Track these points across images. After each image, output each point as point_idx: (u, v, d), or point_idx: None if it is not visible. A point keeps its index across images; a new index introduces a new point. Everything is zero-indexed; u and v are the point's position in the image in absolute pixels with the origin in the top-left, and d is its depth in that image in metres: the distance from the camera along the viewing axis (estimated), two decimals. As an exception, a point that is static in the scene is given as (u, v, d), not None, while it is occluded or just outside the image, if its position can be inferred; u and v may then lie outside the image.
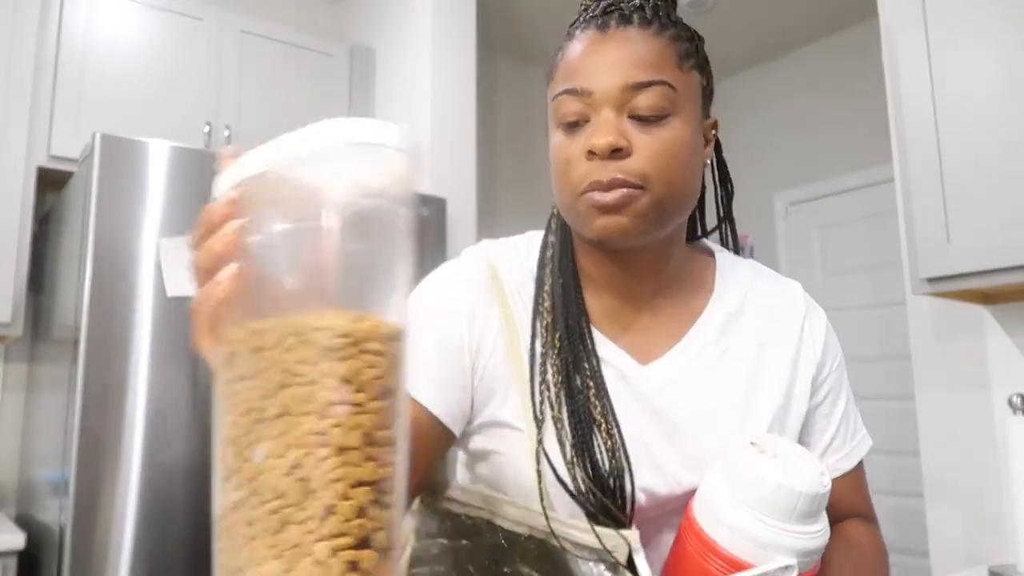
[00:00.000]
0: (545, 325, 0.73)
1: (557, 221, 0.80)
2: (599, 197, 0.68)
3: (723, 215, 0.85)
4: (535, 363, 0.71)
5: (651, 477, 0.70)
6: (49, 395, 2.01)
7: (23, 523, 2.01)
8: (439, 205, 2.39)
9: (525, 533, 0.68)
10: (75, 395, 1.70)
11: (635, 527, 0.67)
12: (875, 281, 3.28)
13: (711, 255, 0.83)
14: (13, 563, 1.79)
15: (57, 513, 1.71)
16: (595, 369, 0.71)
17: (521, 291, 0.75)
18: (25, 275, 2.10)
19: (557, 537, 0.66)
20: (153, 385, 1.77)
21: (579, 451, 0.67)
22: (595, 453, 0.67)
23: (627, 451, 0.68)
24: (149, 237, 1.82)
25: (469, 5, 2.73)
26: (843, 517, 0.78)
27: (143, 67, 2.34)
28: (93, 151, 1.79)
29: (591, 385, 0.70)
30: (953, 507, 1.68)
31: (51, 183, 2.28)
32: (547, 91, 0.75)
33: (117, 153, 1.81)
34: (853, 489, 0.80)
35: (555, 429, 0.69)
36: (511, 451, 0.71)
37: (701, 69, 0.74)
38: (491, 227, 3.07)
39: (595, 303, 0.76)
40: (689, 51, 0.72)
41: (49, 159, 2.16)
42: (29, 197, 2.11)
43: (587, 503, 0.67)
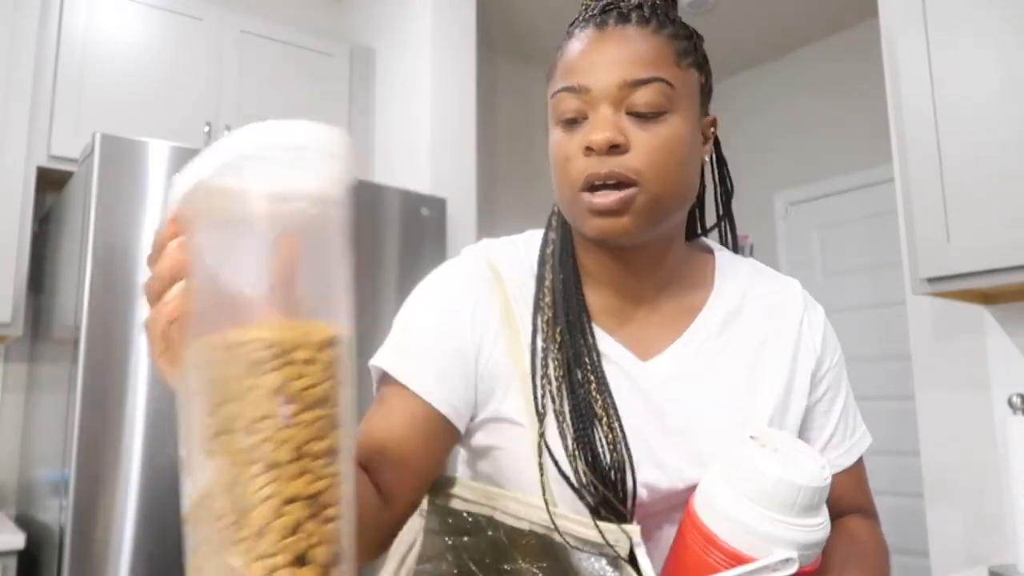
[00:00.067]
0: (546, 320, 0.73)
1: (558, 219, 0.80)
2: (598, 201, 0.68)
3: (722, 213, 0.86)
4: (536, 358, 0.72)
5: (652, 472, 0.70)
6: (49, 395, 2.01)
7: (23, 523, 2.01)
8: (439, 205, 2.39)
9: (526, 528, 0.68)
10: (75, 395, 1.69)
11: (636, 522, 0.67)
12: (875, 281, 3.28)
13: (710, 253, 0.84)
14: (13, 563, 1.79)
15: (57, 513, 1.71)
16: (596, 364, 0.71)
17: (521, 288, 0.76)
18: (25, 275, 2.10)
19: (559, 531, 0.66)
20: (153, 385, 1.77)
21: (580, 444, 0.68)
22: (596, 446, 0.68)
23: (628, 445, 0.68)
24: (149, 237, 1.82)
25: (469, 5, 2.73)
26: (844, 513, 0.78)
27: (143, 67, 2.34)
28: (93, 151, 1.79)
29: (592, 379, 0.70)
30: (953, 507, 1.68)
31: (51, 183, 2.28)
32: (547, 89, 0.76)
33: (117, 153, 1.81)
34: (853, 485, 0.80)
35: (557, 423, 0.69)
36: (512, 446, 0.71)
37: (699, 67, 0.75)
38: (491, 227, 3.07)
39: (595, 299, 0.76)
40: (687, 49, 0.73)
41: (49, 159, 2.16)
42: (29, 197, 2.11)
43: (588, 496, 0.67)
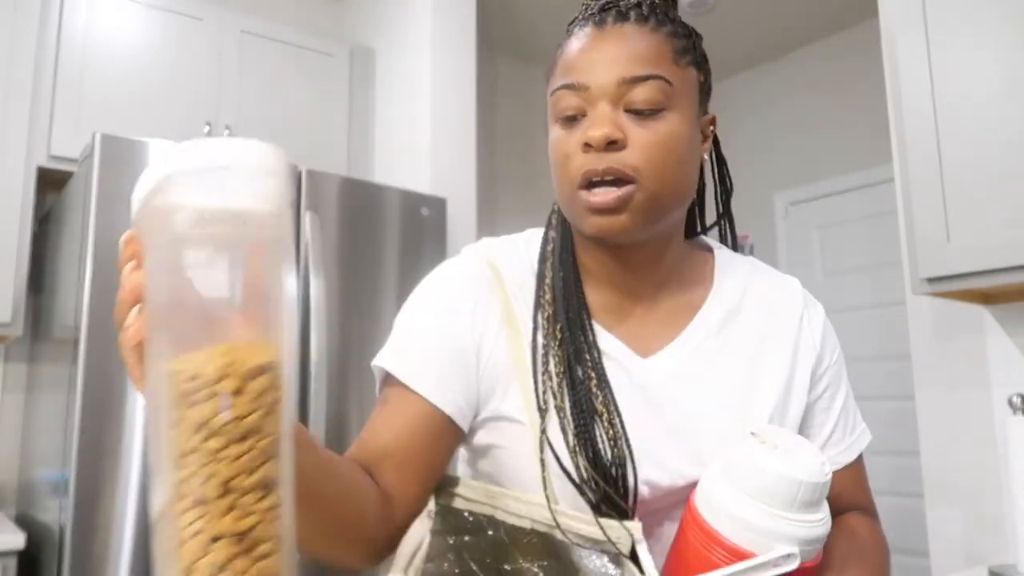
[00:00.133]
0: (546, 317, 0.73)
1: (558, 217, 0.81)
2: (596, 200, 0.69)
3: (721, 211, 0.86)
4: (537, 354, 0.72)
5: (653, 470, 0.70)
6: (49, 395, 2.01)
7: (23, 523, 2.01)
8: (439, 205, 2.38)
9: (528, 527, 0.69)
10: (75, 395, 1.69)
11: (637, 519, 0.68)
12: (875, 281, 3.28)
13: (710, 251, 0.84)
14: (13, 563, 1.78)
15: (57, 513, 1.71)
16: (596, 360, 0.72)
17: (521, 287, 0.76)
18: (25, 275, 2.10)
19: (561, 528, 0.66)
20: (153, 385, 1.77)
21: (581, 440, 0.68)
22: (597, 442, 0.68)
23: (629, 441, 0.68)
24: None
25: (469, 5, 2.73)
26: (844, 510, 0.78)
27: (143, 67, 2.34)
28: (93, 151, 1.79)
29: (592, 376, 0.70)
30: (953, 507, 1.68)
31: (51, 183, 2.28)
32: (546, 88, 0.76)
33: (117, 153, 1.81)
34: (853, 482, 0.81)
35: (558, 419, 0.69)
36: (513, 444, 0.72)
37: (698, 65, 0.75)
38: (491, 227, 3.07)
39: (595, 297, 0.77)
40: (686, 47, 0.73)
41: (49, 159, 2.16)
42: (29, 197, 2.11)
43: (590, 492, 0.67)
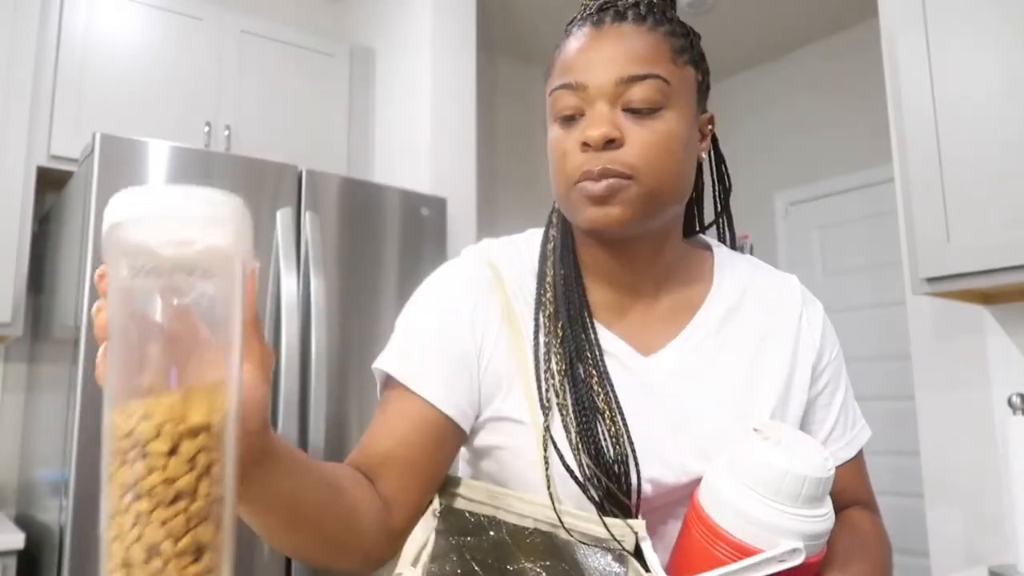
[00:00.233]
0: (547, 315, 0.74)
1: (558, 216, 0.81)
2: (590, 187, 0.69)
3: (720, 209, 0.86)
4: (539, 352, 0.72)
5: (657, 467, 0.70)
6: (49, 395, 2.01)
7: (23, 523, 2.01)
8: (439, 205, 2.38)
9: (530, 526, 0.69)
10: (75, 395, 1.69)
11: (641, 517, 0.68)
12: (875, 281, 3.28)
13: (708, 249, 0.84)
14: (13, 563, 1.79)
15: (57, 513, 1.71)
16: (597, 358, 0.72)
17: (522, 286, 0.76)
18: (25, 275, 2.10)
19: (564, 526, 0.66)
20: (153, 385, 1.77)
21: (583, 438, 0.68)
22: (599, 440, 0.68)
23: (631, 438, 0.68)
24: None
25: (469, 5, 2.73)
26: (845, 505, 0.78)
27: (143, 67, 2.34)
28: (93, 151, 1.79)
29: (594, 374, 0.71)
30: (953, 507, 1.68)
31: (51, 183, 2.28)
32: (545, 88, 0.76)
33: (117, 153, 1.81)
34: (854, 477, 0.81)
35: (560, 416, 0.69)
36: (515, 444, 0.72)
37: (696, 64, 0.75)
38: (491, 227, 3.07)
39: (596, 296, 0.77)
40: (684, 46, 0.74)
41: (49, 159, 2.16)
42: (29, 197, 2.11)
43: (593, 489, 0.67)
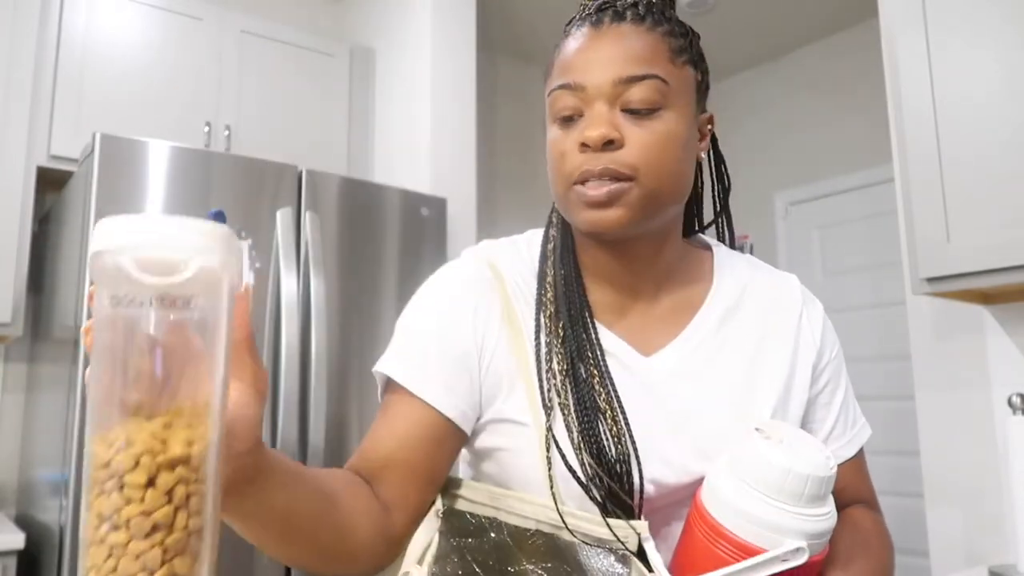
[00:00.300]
0: (548, 315, 0.73)
1: (557, 216, 0.81)
2: (591, 193, 0.69)
3: (719, 209, 0.86)
4: (540, 353, 0.72)
5: (659, 467, 0.70)
6: (49, 395, 2.01)
7: (23, 523, 2.01)
8: (439, 205, 2.38)
9: (532, 528, 0.69)
10: (75, 395, 1.69)
11: (644, 517, 0.68)
12: (875, 281, 3.28)
13: (708, 249, 0.84)
14: (13, 563, 1.78)
15: (57, 513, 1.71)
16: (599, 359, 0.72)
17: (522, 287, 0.76)
18: (25, 275, 2.10)
19: (567, 527, 0.66)
20: (153, 385, 1.77)
21: (585, 438, 0.68)
22: (601, 440, 0.68)
23: (633, 438, 0.68)
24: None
25: (469, 5, 2.73)
26: (847, 504, 0.78)
27: (143, 67, 2.34)
28: (93, 151, 1.79)
29: (595, 374, 0.71)
30: (953, 507, 1.68)
31: (51, 183, 2.28)
32: (544, 88, 0.76)
33: (117, 153, 1.81)
34: (855, 476, 0.81)
35: (562, 416, 0.69)
36: (517, 445, 0.72)
37: (695, 64, 0.75)
38: (491, 227, 3.07)
39: (596, 296, 0.77)
40: (683, 46, 0.73)
41: (49, 159, 2.16)
42: (29, 197, 2.11)
43: (595, 489, 0.67)
